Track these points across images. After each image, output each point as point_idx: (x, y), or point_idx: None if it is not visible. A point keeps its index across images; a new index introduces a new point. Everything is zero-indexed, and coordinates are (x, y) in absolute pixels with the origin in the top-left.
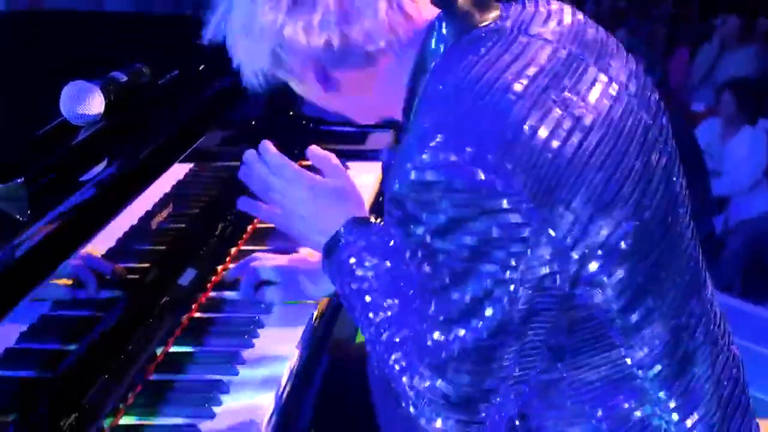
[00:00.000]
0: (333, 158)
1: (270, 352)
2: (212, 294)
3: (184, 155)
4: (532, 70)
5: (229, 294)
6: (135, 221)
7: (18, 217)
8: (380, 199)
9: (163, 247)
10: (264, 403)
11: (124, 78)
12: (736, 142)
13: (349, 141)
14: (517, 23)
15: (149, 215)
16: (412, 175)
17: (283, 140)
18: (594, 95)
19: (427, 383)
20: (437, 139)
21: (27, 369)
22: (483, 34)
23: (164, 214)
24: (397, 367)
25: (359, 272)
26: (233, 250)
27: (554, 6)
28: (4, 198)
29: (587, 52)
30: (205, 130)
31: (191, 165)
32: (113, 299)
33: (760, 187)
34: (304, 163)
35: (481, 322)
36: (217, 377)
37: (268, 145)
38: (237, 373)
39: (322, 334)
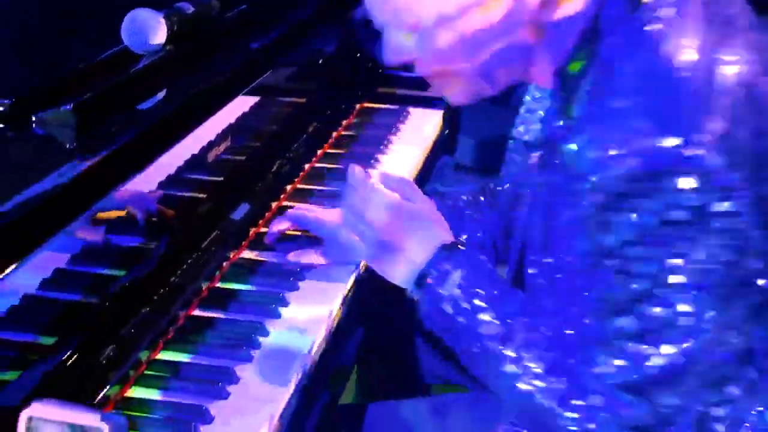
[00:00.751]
0: (410, 182)
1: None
2: (263, 230)
3: (245, 90)
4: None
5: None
6: (194, 151)
7: (65, 144)
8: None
9: (219, 179)
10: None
11: (191, 9)
12: None
13: (411, 86)
14: None
15: (208, 146)
16: (618, 167)
17: (349, 81)
18: None
19: (615, 407)
20: (645, 124)
21: (73, 293)
22: None
23: (222, 147)
24: (557, 388)
25: (467, 303)
26: (288, 187)
27: None
28: (52, 123)
29: None
30: (269, 68)
31: (255, 98)
32: (164, 228)
33: None
34: (368, 105)
35: (692, 340)
36: (259, 319)
37: (355, 169)
38: (279, 316)
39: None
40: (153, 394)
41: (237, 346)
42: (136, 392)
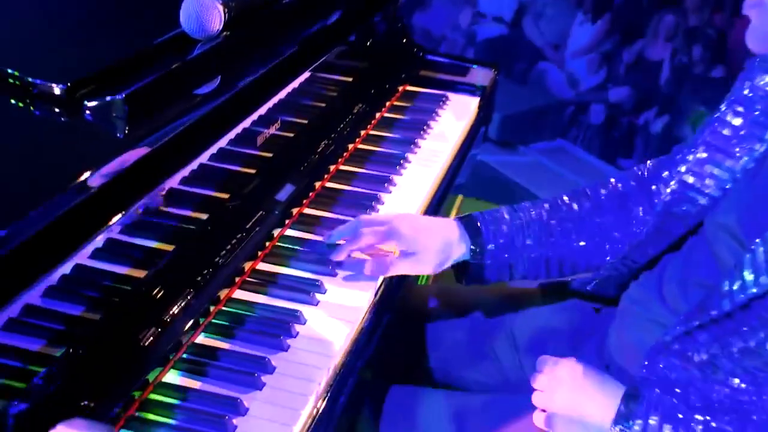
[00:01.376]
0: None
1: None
2: (306, 211)
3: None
4: None
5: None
6: (241, 129)
7: (116, 134)
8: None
9: (266, 156)
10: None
11: None
12: None
13: (451, 72)
14: None
15: (256, 124)
16: None
17: (394, 63)
18: None
19: None
20: None
21: (122, 264)
22: None
23: (270, 127)
24: None
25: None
26: (332, 167)
27: None
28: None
29: None
30: (322, 54)
31: (304, 77)
32: (208, 209)
33: None
34: (410, 88)
35: None
36: (295, 306)
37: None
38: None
39: None
40: (188, 382)
41: (273, 334)
42: (171, 377)
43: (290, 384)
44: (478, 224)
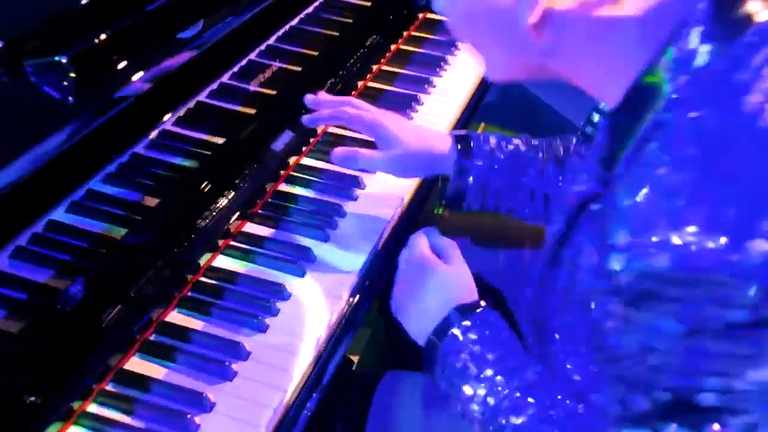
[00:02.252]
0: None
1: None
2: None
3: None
4: None
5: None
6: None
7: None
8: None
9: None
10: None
11: None
12: None
13: None
14: None
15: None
16: (657, 263)
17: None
18: None
19: None
20: (699, 214)
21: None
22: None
23: (267, 74)
24: None
25: (475, 369)
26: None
27: None
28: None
29: None
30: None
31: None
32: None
33: None
34: (430, 16)
35: None
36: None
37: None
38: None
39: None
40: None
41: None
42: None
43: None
44: (471, 144)
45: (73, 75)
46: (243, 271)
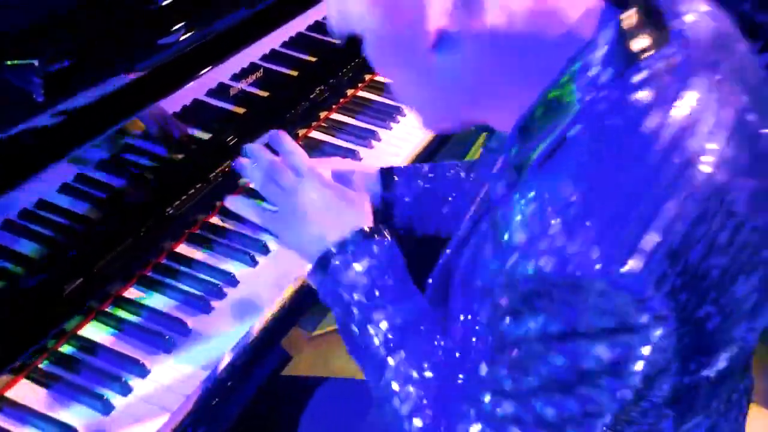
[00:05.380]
0: (359, 176)
1: None
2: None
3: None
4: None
5: None
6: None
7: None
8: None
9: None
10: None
11: None
12: None
13: None
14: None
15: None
16: (543, 265)
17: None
18: None
19: None
20: (587, 226)
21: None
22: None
23: (240, 86)
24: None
25: (364, 297)
26: (301, 133)
27: None
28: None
29: None
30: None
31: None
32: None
33: None
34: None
35: None
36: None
37: (282, 136)
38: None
39: None
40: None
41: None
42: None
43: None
44: (395, 177)
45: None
46: (201, 258)
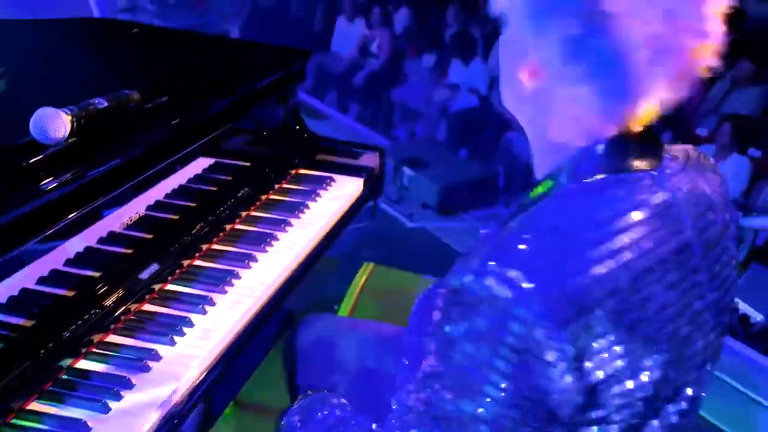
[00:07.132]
0: None
1: None
2: (168, 287)
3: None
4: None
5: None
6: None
7: None
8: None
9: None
10: None
11: (104, 104)
12: (723, 167)
13: (343, 155)
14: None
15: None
16: (486, 280)
17: (288, 148)
18: None
19: None
20: (524, 259)
21: None
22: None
23: (134, 217)
24: None
25: None
26: (204, 247)
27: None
28: None
29: None
30: (180, 153)
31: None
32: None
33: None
34: (302, 171)
35: None
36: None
37: None
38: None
39: None
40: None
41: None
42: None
43: None
44: None
45: None
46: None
